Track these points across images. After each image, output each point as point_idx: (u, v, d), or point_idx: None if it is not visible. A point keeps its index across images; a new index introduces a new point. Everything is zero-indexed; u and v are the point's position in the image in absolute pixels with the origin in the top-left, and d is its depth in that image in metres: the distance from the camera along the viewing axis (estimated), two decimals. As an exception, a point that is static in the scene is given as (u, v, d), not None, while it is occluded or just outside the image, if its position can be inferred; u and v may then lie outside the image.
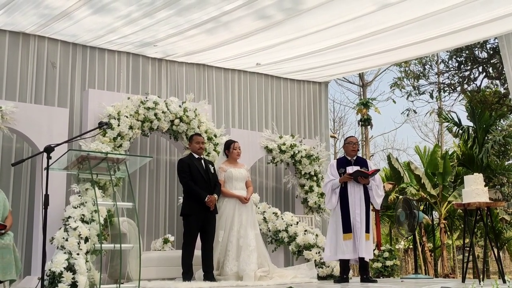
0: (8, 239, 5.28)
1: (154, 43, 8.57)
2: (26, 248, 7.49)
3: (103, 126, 5.17)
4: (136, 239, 6.63)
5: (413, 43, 8.79)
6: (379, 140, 40.88)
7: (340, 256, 6.99)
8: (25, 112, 7.22)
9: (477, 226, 12.80)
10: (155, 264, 7.44)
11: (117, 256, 6.21)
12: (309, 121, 10.98)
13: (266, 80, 10.55)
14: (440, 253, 15.21)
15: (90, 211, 6.62)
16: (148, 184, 8.76)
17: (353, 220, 6.96)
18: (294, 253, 8.23)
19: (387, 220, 15.80)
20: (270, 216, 8.32)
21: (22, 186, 7.72)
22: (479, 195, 6.66)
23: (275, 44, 8.75)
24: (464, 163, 14.49)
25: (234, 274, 7.01)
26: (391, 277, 8.62)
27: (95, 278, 6.04)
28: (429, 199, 13.94)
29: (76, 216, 6.47)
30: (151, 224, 8.70)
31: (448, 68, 15.41)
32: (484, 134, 14.41)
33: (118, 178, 7.28)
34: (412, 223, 8.65)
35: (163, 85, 9.29)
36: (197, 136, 7.44)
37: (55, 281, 5.91)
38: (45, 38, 8.21)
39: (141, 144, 8.73)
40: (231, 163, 7.52)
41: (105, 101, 7.78)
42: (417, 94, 16.09)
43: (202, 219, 7.01)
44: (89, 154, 4.58)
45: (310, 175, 9.57)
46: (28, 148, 7.67)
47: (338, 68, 10.27)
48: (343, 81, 22.61)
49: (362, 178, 7.03)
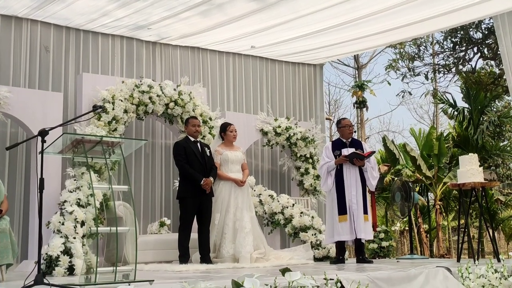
0: (4, 223, 5.28)
1: (148, 26, 8.52)
2: (23, 233, 7.50)
3: (97, 110, 5.14)
4: (132, 222, 6.64)
5: (408, 24, 8.76)
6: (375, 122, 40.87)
7: (336, 238, 7.04)
8: (19, 97, 7.18)
9: (472, 207, 12.88)
10: (151, 248, 7.46)
11: (113, 239, 6.23)
12: (304, 104, 10.97)
13: (261, 62, 10.52)
14: (436, 234, 15.30)
15: (86, 195, 6.63)
16: (144, 168, 8.76)
17: (349, 202, 6.99)
18: (290, 235, 8.27)
19: (382, 202, 15.85)
20: (266, 199, 8.34)
21: (17, 171, 7.71)
22: (474, 175, 6.68)
23: (269, 26, 8.71)
24: (459, 144, 14.51)
25: (230, 257, 7.04)
26: (386, 258, 8.68)
27: (91, 262, 6.03)
28: (425, 180, 13.99)
29: (72, 200, 6.48)
30: (147, 207, 8.71)
31: (443, 49, 15.39)
32: (479, 115, 14.42)
33: (114, 162, 7.27)
34: (408, 204, 8.68)
35: (158, 69, 9.25)
36: (193, 119, 7.43)
37: (52, 265, 5.94)
38: (37, 22, 8.15)
39: (136, 128, 8.71)
40: (227, 146, 7.52)
41: (99, 85, 7.74)
42: (412, 76, 16.10)
43: (198, 202, 7.02)
44: (84, 137, 4.55)
45: (305, 158, 9.58)
46: (22, 133, 7.65)
47: (333, 50, 10.23)
48: (338, 63, 22.58)
49: (357, 160, 7.04)
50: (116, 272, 4.21)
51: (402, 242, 19.63)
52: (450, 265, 5.47)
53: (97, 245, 5.99)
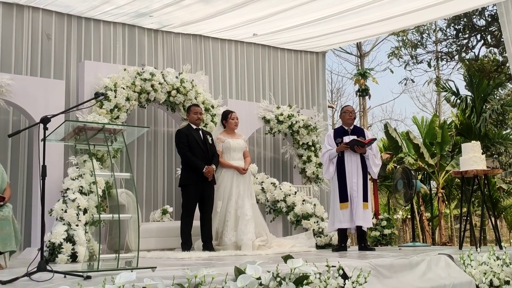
0: (7, 211, 5.30)
1: (149, 13, 8.48)
2: (26, 220, 7.52)
3: (99, 97, 5.13)
4: (134, 210, 6.66)
5: (411, 11, 8.71)
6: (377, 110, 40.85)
7: (337, 225, 7.05)
8: (21, 85, 7.17)
9: (475, 195, 12.88)
10: (154, 235, 7.48)
11: (116, 227, 6.25)
12: (306, 92, 10.95)
13: (263, 50, 10.49)
14: (438, 222, 15.30)
15: (88, 182, 6.64)
16: (146, 155, 8.77)
17: (350, 189, 6.99)
18: (293, 223, 8.28)
19: (385, 190, 15.84)
20: (268, 187, 8.35)
21: (20, 159, 7.72)
22: (476, 163, 6.66)
23: (272, 13, 8.67)
24: (462, 132, 14.48)
25: (232, 244, 7.06)
26: (388, 245, 8.68)
27: (94, 249, 6.08)
28: (427, 168, 13.97)
29: (74, 187, 6.50)
30: (150, 195, 8.73)
31: (446, 36, 15.33)
32: (482, 103, 14.37)
33: (116, 150, 7.28)
34: (410, 192, 8.68)
35: (160, 56, 9.23)
36: (195, 107, 7.42)
37: (55, 252, 5.97)
38: (39, 9, 8.12)
39: (138, 116, 8.70)
40: (228, 134, 7.52)
41: (101, 73, 7.73)
42: (414, 63, 16.03)
43: (200, 190, 7.03)
44: (86, 124, 4.54)
45: (308, 145, 9.58)
46: (25, 121, 7.65)
47: (336, 37, 10.20)
48: (340, 51, 22.50)
49: (358, 147, 7.03)
50: (119, 259, 4.22)
51: (404, 230, 19.65)
52: (452, 253, 5.48)
53: (99, 233, 5.99)
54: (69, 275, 3.82)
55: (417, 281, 4.74)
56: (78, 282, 3.22)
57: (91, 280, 3.64)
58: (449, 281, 4.86)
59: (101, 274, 3.89)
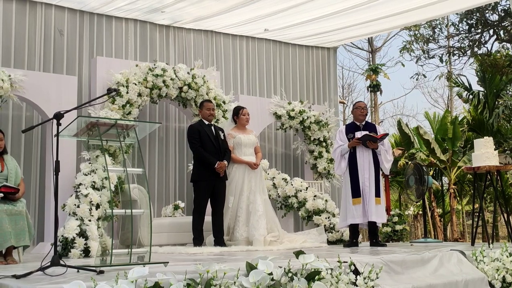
0: (21, 206, 5.34)
1: (161, 9, 8.50)
2: (39, 215, 7.59)
3: (112, 92, 5.16)
4: (146, 205, 6.69)
5: (423, 6, 8.66)
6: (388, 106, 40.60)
7: (350, 221, 7.03)
8: (34, 81, 7.22)
9: (487, 191, 12.81)
10: (166, 230, 7.51)
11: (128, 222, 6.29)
12: (317, 87, 10.93)
13: (275, 46, 10.48)
14: (450, 218, 15.24)
15: (101, 178, 6.68)
16: (158, 151, 8.80)
17: (362, 184, 6.98)
18: (304, 219, 8.29)
19: (396, 186, 15.79)
20: (280, 182, 8.35)
21: (33, 155, 7.78)
22: (489, 159, 6.63)
23: (283, 9, 8.66)
24: (474, 128, 14.38)
25: (244, 239, 7.07)
26: (400, 241, 8.67)
27: (107, 244, 6.11)
28: (439, 164, 13.91)
29: (87, 183, 6.53)
30: (162, 190, 8.77)
31: (458, 31, 15.22)
32: (494, 98, 14.26)
33: (128, 145, 7.32)
34: (422, 188, 8.65)
35: (171, 52, 9.25)
36: (208, 103, 7.43)
37: (68, 247, 6.01)
38: (51, 6, 8.17)
39: (150, 111, 8.73)
40: (239, 129, 7.52)
41: (113, 69, 7.76)
42: (426, 58, 15.93)
43: (212, 185, 7.04)
44: (98, 120, 4.57)
45: (319, 141, 9.57)
46: (38, 117, 7.70)
47: (347, 32, 10.16)
48: (352, 47, 22.42)
49: (370, 143, 7.02)
50: (131, 254, 4.25)
51: (415, 226, 19.59)
52: (464, 249, 5.47)
53: (112, 228, 6.04)
54: (82, 270, 3.86)
55: (429, 277, 4.73)
56: (91, 276, 3.24)
57: (104, 274, 3.67)
58: (461, 277, 4.85)
59: (114, 269, 3.93)
